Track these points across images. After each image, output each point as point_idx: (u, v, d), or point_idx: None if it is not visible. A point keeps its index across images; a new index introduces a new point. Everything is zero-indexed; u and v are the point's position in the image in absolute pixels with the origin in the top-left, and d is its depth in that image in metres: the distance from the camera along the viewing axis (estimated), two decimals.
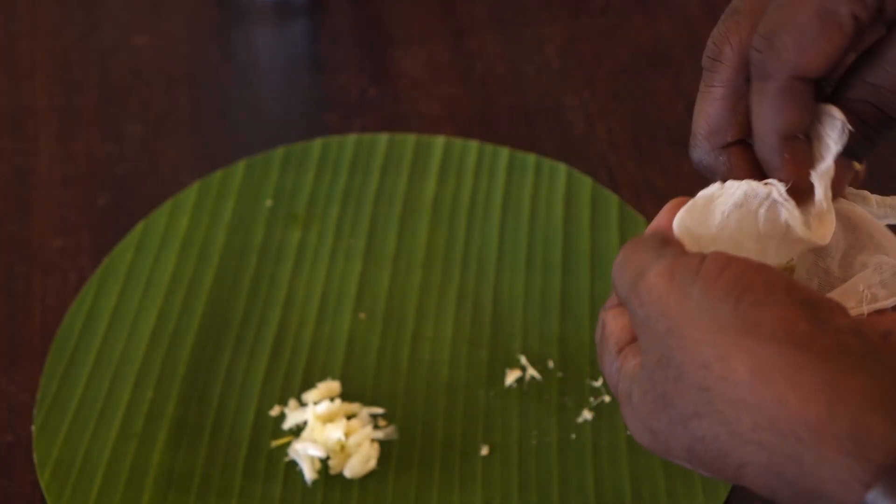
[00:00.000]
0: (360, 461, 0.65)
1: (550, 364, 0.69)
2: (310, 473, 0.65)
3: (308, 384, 0.69)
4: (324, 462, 0.66)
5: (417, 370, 0.70)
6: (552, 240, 0.75)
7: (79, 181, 0.80)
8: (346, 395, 0.68)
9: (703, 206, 0.48)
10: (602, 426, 0.67)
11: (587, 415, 0.67)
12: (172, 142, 0.82)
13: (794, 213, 0.48)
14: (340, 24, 0.90)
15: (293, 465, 0.66)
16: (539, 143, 0.82)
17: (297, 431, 0.67)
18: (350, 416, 0.67)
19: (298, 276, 0.74)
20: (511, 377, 0.69)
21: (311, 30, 0.90)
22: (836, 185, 0.48)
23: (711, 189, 0.49)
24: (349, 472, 0.65)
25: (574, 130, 0.82)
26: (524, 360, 0.70)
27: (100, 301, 0.72)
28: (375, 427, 0.67)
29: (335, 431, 0.65)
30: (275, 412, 0.68)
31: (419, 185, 0.78)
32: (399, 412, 0.68)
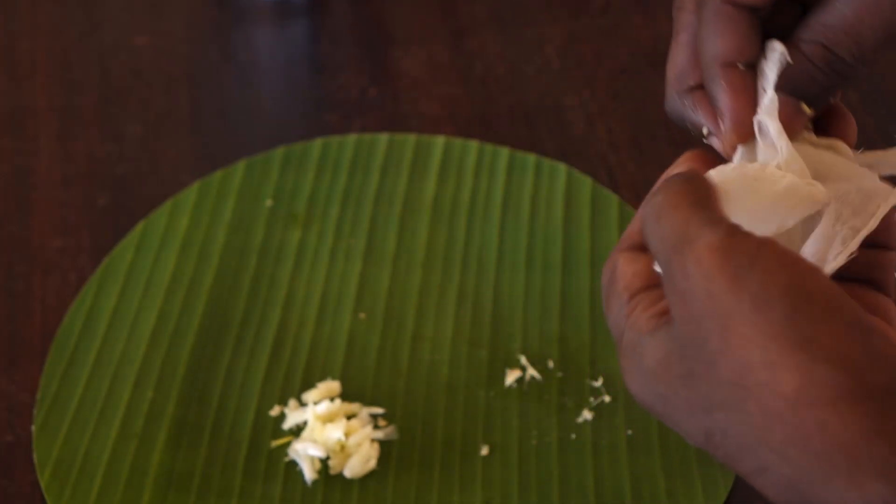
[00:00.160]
0: (360, 461, 0.65)
1: (550, 364, 0.69)
2: (310, 473, 0.65)
3: (308, 384, 0.69)
4: (324, 462, 0.66)
5: (417, 370, 0.70)
6: (552, 240, 0.75)
7: (79, 181, 0.80)
8: (346, 395, 0.68)
9: (742, 187, 0.47)
10: (602, 426, 0.67)
11: (587, 415, 0.67)
12: (172, 142, 0.82)
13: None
14: (340, 24, 0.90)
15: (293, 465, 0.66)
16: (539, 143, 0.82)
17: (297, 431, 0.67)
18: (350, 416, 0.67)
19: (298, 276, 0.74)
20: (511, 377, 0.69)
21: (311, 30, 0.90)
22: (790, 129, 0.48)
23: (753, 167, 0.47)
24: (349, 472, 0.65)
25: (574, 130, 0.82)
26: (524, 360, 0.70)
27: (100, 301, 0.72)
28: (375, 427, 0.67)
29: (335, 431, 0.65)
30: (275, 412, 0.68)
31: (419, 185, 0.78)
32: (399, 412, 0.68)
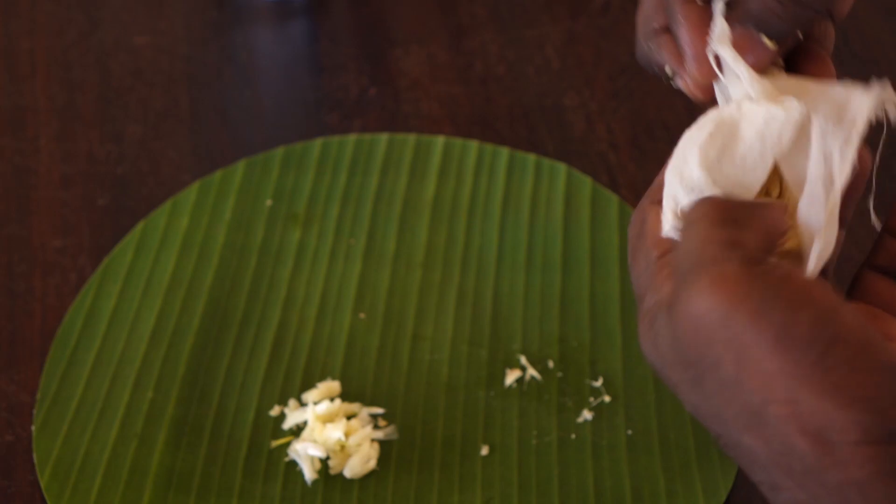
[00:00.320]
0: (360, 461, 0.65)
1: (550, 364, 0.69)
2: (310, 473, 0.65)
3: (308, 384, 0.69)
4: (324, 462, 0.66)
5: (417, 370, 0.70)
6: (552, 240, 0.75)
7: (79, 181, 0.80)
8: (346, 395, 0.68)
9: (727, 132, 0.47)
10: (602, 426, 0.67)
11: (587, 415, 0.67)
12: (172, 142, 0.82)
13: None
14: (340, 24, 0.90)
15: (293, 465, 0.66)
16: (539, 143, 0.82)
17: (297, 431, 0.67)
18: (350, 416, 0.67)
19: (298, 276, 0.74)
20: (511, 377, 0.69)
21: (311, 30, 0.90)
22: (755, 64, 0.48)
23: (728, 111, 0.47)
24: (349, 472, 0.65)
25: (574, 130, 0.82)
26: (524, 360, 0.70)
27: (100, 301, 0.72)
28: (375, 427, 0.67)
29: (335, 431, 0.65)
30: (275, 412, 0.68)
31: (419, 185, 0.78)
32: (399, 412, 0.68)
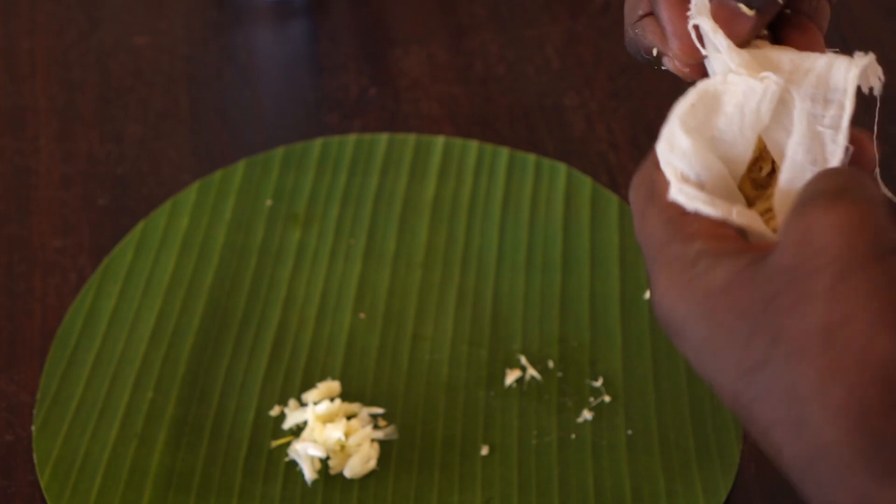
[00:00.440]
0: (360, 461, 0.65)
1: (550, 364, 0.69)
2: (310, 473, 0.65)
3: (308, 384, 0.69)
4: (324, 462, 0.66)
5: (417, 370, 0.70)
6: (552, 240, 0.75)
7: (79, 181, 0.80)
8: (346, 395, 0.68)
9: (709, 104, 0.48)
10: (602, 426, 0.67)
11: (587, 415, 0.67)
12: (172, 142, 0.82)
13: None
14: (340, 24, 0.90)
15: (293, 465, 0.66)
16: (539, 143, 0.82)
17: (297, 431, 0.67)
18: (350, 416, 0.67)
19: (298, 276, 0.74)
20: (511, 377, 0.69)
21: (311, 30, 0.90)
22: (735, 34, 0.48)
23: (713, 82, 0.48)
24: (349, 472, 0.65)
25: (574, 130, 0.82)
26: (524, 360, 0.70)
27: (100, 301, 0.72)
28: (375, 427, 0.67)
29: (335, 431, 0.65)
30: (275, 412, 0.68)
31: (419, 185, 0.78)
32: (399, 412, 0.68)
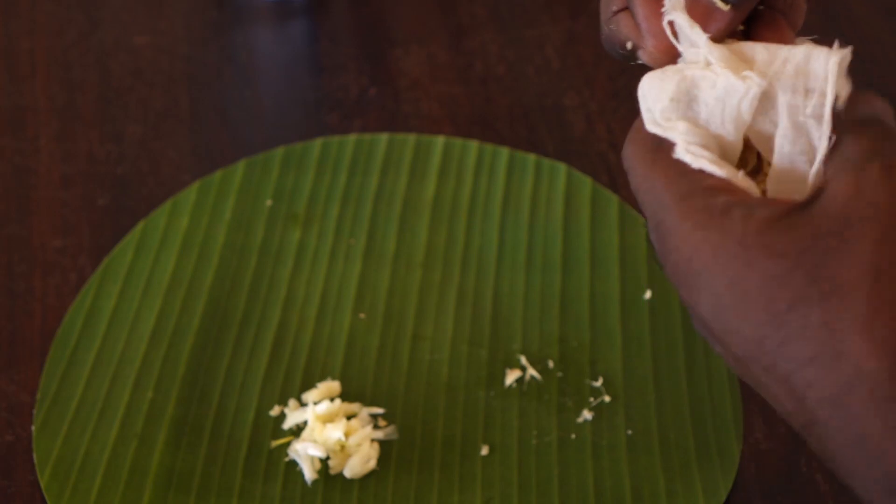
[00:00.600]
0: (360, 461, 0.65)
1: (550, 364, 0.69)
2: (310, 473, 0.65)
3: (308, 384, 0.69)
4: (324, 462, 0.66)
5: (417, 370, 0.70)
6: (552, 240, 0.75)
7: (79, 181, 0.80)
8: (346, 395, 0.68)
9: (687, 93, 0.48)
10: (602, 426, 0.67)
11: (587, 415, 0.67)
12: (172, 142, 0.82)
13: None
14: (340, 24, 0.90)
15: (293, 465, 0.66)
16: (539, 143, 0.82)
17: (297, 431, 0.67)
18: (350, 416, 0.67)
19: (298, 276, 0.74)
20: (511, 377, 0.69)
21: (311, 30, 0.90)
22: (710, 29, 0.48)
23: (691, 72, 0.48)
24: (349, 472, 0.65)
25: (574, 130, 0.82)
26: (524, 360, 0.70)
27: (100, 301, 0.72)
28: (375, 427, 0.67)
29: (335, 431, 0.65)
30: (275, 412, 0.68)
31: (419, 185, 0.78)
32: (399, 412, 0.68)
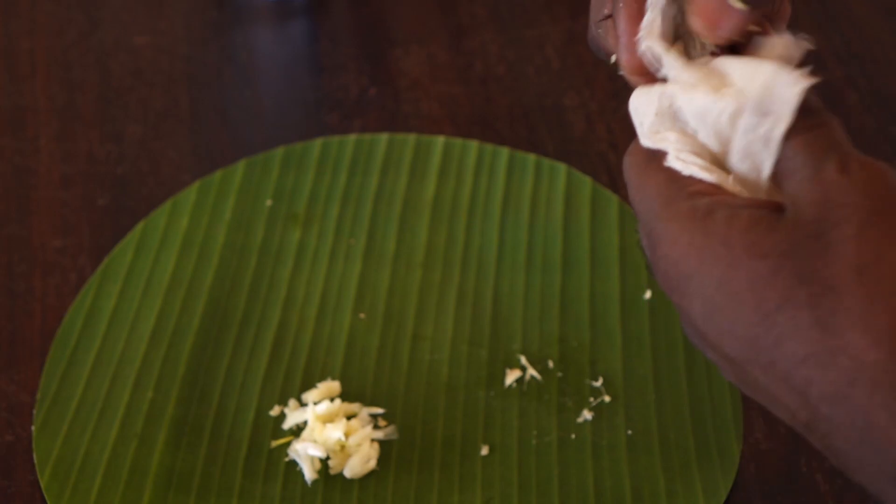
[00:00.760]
0: (360, 461, 0.65)
1: (550, 364, 0.69)
2: (310, 473, 0.65)
3: (308, 384, 0.69)
4: (324, 462, 0.66)
5: (417, 370, 0.70)
6: (552, 240, 0.75)
7: (79, 181, 0.80)
8: (346, 395, 0.68)
9: (669, 108, 0.48)
10: (602, 426, 0.67)
11: (587, 415, 0.67)
12: (172, 142, 0.82)
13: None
14: (340, 24, 0.90)
15: (293, 465, 0.66)
16: (539, 143, 0.82)
17: (297, 431, 0.67)
18: (350, 416, 0.67)
19: (298, 276, 0.74)
20: (511, 377, 0.69)
21: (311, 30, 0.90)
22: (721, 28, 0.48)
23: (671, 89, 0.49)
24: (349, 472, 0.65)
25: (574, 130, 0.82)
26: (524, 360, 0.70)
27: (100, 301, 0.72)
28: (375, 427, 0.67)
29: (335, 431, 0.65)
30: (275, 412, 0.68)
31: (419, 185, 0.78)
32: (399, 412, 0.68)
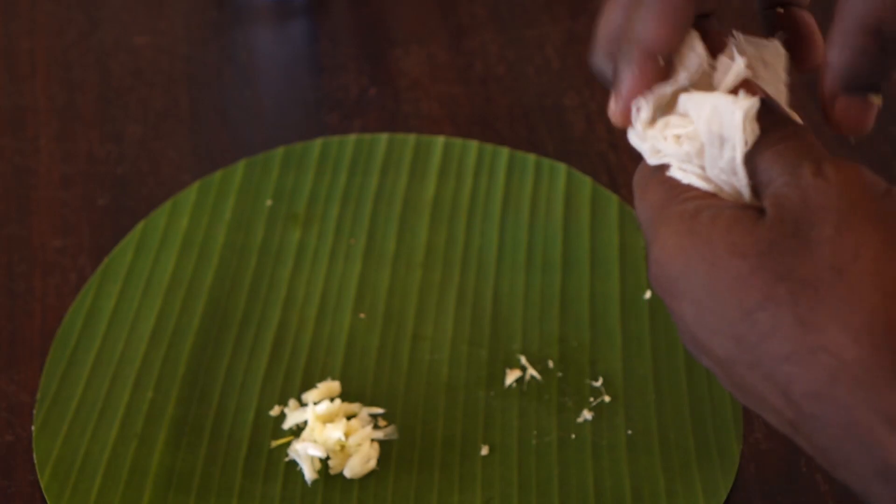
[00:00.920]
0: (360, 461, 0.65)
1: (550, 364, 0.69)
2: (310, 473, 0.65)
3: (308, 384, 0.69)
4: (324, 462, 0.66)
5: (417, 370, 0.70)
6: (552, 240, 0.75)
7: (79, 181, 0.80)
8: (346, 395, 0.68)
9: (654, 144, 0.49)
10: (602, 426, 0.67)
11: (587, 415, 0.67)
12: (172, 142, 0.82)
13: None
14: (340, 24, 0.90)
15: (293, 465, 0.66)
16: (539, 143, 0.82)
17: (297, 431, 0.67)
18: (350, 416, 0.67)
19: (298, 276, 0.74)
20: (511, 377, 0.69)
21: (311, 30, 0.90)
22: (865, 127, 0.48)
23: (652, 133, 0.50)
24: (349, 472, 0.65)
25: (574, 130, 0.82)
26: (524, 360, 0.70)
27: (100, 301, 0.72)
28: (375, 427, 0.67)
29: (335, 431, 0.65)
30: (275, 412, 0.68)
31: (419, 185, 0.78)
32: (399, 412, 0.68)
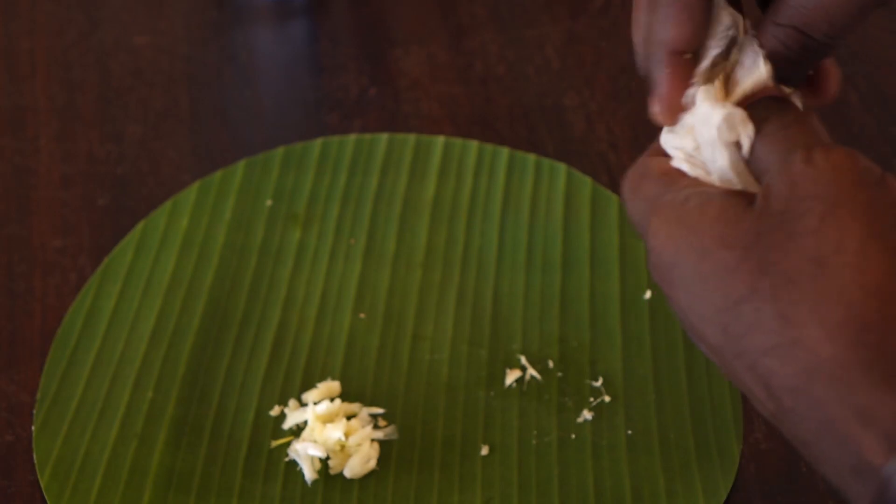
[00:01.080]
0: (360, 461, 0.65)
1: (550, 364, 0.69)
2: (310, 473, 0.65)
3: (308, 384, 0.69)
4: (324, 462, 0.66)
5: (417, 370, 0.70)
6: (552, 240, 0.75)
7: (79, 181, 0.80)
8: (346, 395, 0.68)
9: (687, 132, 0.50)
10: (602, 426, 0.67)
11: (587, 415, 0.67)
12: (172, 142, 0.82)
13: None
14: (340, 24, 0.90)
15: (293, 465, 0.66)
16: (539, 143, 0.82)
17: (297, 431, 0.67)
18: (350, 416, 0.67)
19: (298, 276, 0.74)
20: (511, 377, 0.69)
21: (311, 30, 0.90)
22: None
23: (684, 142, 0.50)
24: (349, 472, 0.65)
25: (574, 130, 0.82)
26: (524, 360, 0.70)
27: (100, 301, 0.72)
28: (375, 427, 0.67)
29: (335, 431, 0.65)
30: (275, 412, 0.68)
31: (419, 185, 0.78)
32: (399, 412, 0.68)
